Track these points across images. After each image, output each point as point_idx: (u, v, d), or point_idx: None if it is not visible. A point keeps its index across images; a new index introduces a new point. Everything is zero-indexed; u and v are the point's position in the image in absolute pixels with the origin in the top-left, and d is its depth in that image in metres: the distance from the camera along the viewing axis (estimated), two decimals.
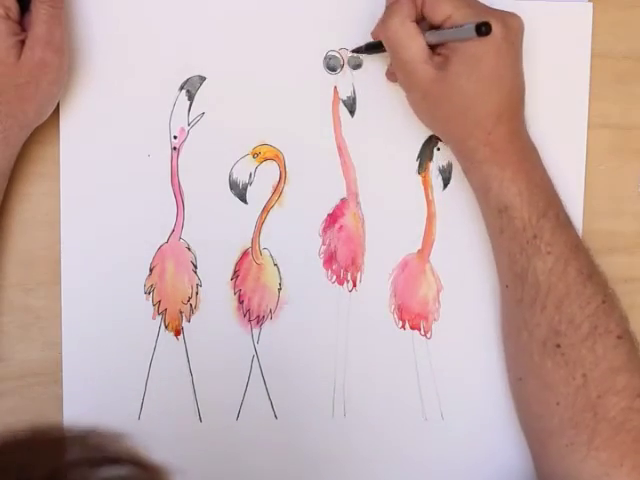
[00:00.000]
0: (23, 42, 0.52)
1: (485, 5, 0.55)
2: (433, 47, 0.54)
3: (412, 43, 0.53)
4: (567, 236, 0.55)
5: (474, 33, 0.50)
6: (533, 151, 0.57)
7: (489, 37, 0.50)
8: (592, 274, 0.55)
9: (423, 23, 0.54)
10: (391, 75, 0.59)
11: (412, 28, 0.53)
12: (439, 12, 0.53)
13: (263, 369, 0.61)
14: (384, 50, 0.57)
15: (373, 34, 0.58)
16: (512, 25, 0.53)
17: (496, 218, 0.55)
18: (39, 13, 0.52)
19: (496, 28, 0.51)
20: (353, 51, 0.61)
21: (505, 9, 0.60)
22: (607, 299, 0.55)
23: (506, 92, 0.54)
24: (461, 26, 0.52)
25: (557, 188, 0.56)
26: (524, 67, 0.55)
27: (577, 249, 0.55)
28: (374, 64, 0.61)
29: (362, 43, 0.60)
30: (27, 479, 0.32)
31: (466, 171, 0.57)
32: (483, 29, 0.49)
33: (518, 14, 0.54)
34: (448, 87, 0.53)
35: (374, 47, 0.58)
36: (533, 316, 0.54)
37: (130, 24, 0.59)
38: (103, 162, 0.59)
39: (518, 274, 0.55)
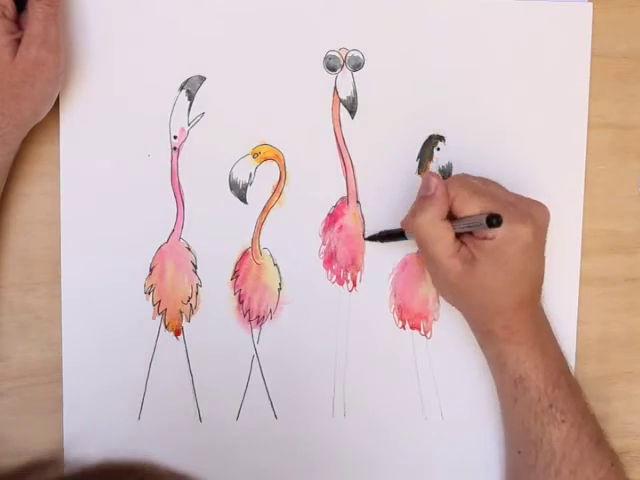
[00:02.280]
0: (19, 41, 0.52)
1: (515, 199, 0.55)
2: (459, 237, 0.54)
3: (440, 240, 0.53)
4: (578, 402, 0.56)
5: (485, 224, 0.50)
6: (546, 324, 0.58)
7: (518, 240, 0.52)
8: (600, 439, 0.56)
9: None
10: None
11: (443, 227, 0.53)
12: (468, 211, 0.53)
13: (263, 369, 0.61)
14: (402, 238, 0.58)
15: (402, 223, 0.58)
16: (540, 222, 0.54)
17: (511, 388, 0.57)
18: (35, 12, 0.52)
19: (525, 231, 0.52)
20: (367, 239, 0.61)
21: (505, 9, 0.60)
22: (615, 462, 0.56)
23: (529, 284, 0.55)
24: (476, 216, 0.52)
25: (566, 357, 0.58)
26: (524, 67, 0.55)
27: (587, 415, 0.56)
28: (374, 64, 0.61)
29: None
30: None
31: (481, 345, 0.59)
32: (494, 222, 0.50)
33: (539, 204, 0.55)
34: (473, 282, 0.54)
35: (391, 236, 0.59)
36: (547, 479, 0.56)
37: (130, 24, 0.59)
38: (103, 162, 0.59)
39: (532, 441, 0.56)
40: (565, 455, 0.55)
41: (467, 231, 0.54)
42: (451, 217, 0.54)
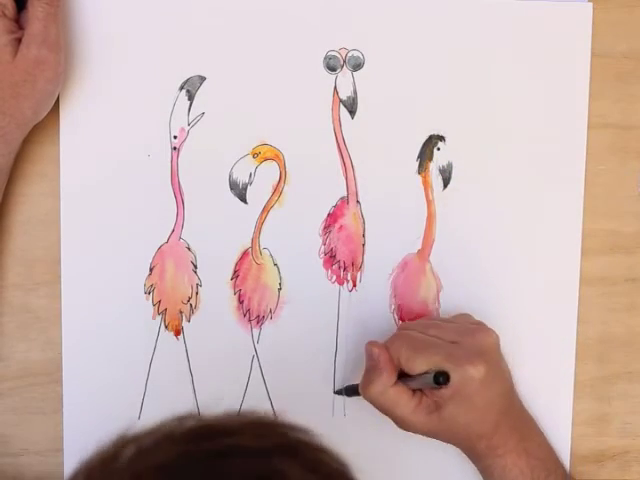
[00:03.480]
0: (19, 40, 0.53)
1: (458, 339, 0.55)
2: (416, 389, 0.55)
3: (397, 403, 0.55)
4: None
5: (433, 383, 0.52)
6: (528, 423, 0.59)
7: (473, 379, 0.53)
8: None
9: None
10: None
11: (395, 393, 0.54)
12: (416, 369, 0.54)
13: (263, 369, 0.61)
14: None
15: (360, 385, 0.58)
16: (488, 348, 0.55)
17: None
18: (35, 11, 0.52)
19: (477, 370, 0.53)
20: (336, 392, 0.61)
21: (505, 9, 0.60)
22: None
23: (501, 405, 0.56)
24: (424, 375, 0.53)
25: (555, 454, 0.60)
26: (524, 67, 0.55)
27: None
28: (374, 64, 0.61)
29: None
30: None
31: (469, 457, 0.59)
32: (441, 379, 0.51)
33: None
34: (444, 425, 0.55)
35: (356, 391, 0.59)
36: None
37: (130, 24, 0.59)
38: (103, 162, 0.59)
39: None
40: None
41: (422, 387, 0.55)
42: (405, 374, 0.55)
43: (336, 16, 0.61)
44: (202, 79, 0.60)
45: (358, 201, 0.62)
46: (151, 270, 0.60)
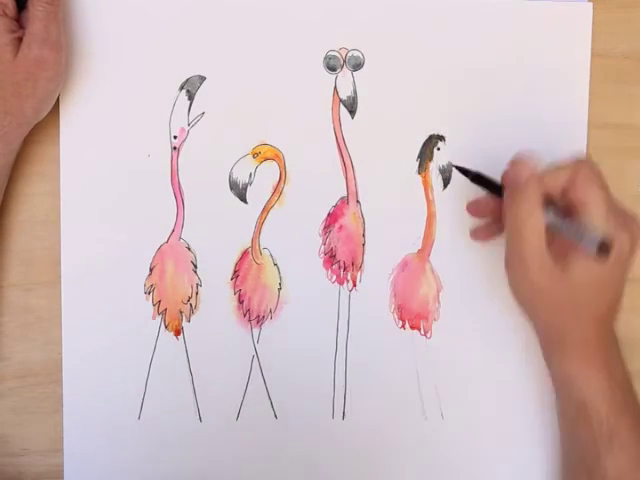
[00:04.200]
0: (20, 39, 0.53)
1: (621, 210, 0.53)
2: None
3: (535, 235, 0.51)
4: None
5: (595, 250, 0.49)
6: (616, 346, 0.57)
7: (617, 263, 0.50)
8: None
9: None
10: (474, 234, 0.58)
11: (538, 220, 0.50)
12: (581, 199, 0.51)
13: (263, 369, 0.61)
14: (494, 192, 0.55)
15: (503, 178, 0.54)
16: (637, 236, 0.52)
17: (572, 411, 0.56)
18: (36, 10, 0.52)
19: (622, 247, 0.50)
20: (457, 167, 0.57)
21: (505, 9, 0.61)
22: None
23: (613, 301, 0.54)
24: (587, 230, 0.50)
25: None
26: (524, 67, 0.55)
27: None
28: (374, 64, 0.61)
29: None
30: None
31: (548, 360, 0.57)
32: (604, 249, 0.49)
33: None
34: (558, 288, 0.52)
35: (483, 182, 0.56)
36: None
37: (130, 24, 0.59)
38: (103, 162, 0.59)
39: (586, 469, 0.55)
40: None
41: (557, 231, 0.51)
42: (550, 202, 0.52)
43: (336, 16, 0.61)
44: (202, 79, 0.60)
45: (358, 201, 0.62)
46: (151, 270, 0.60)
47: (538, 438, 0.63)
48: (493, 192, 0.56)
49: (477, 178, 0.56)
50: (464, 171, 0.57)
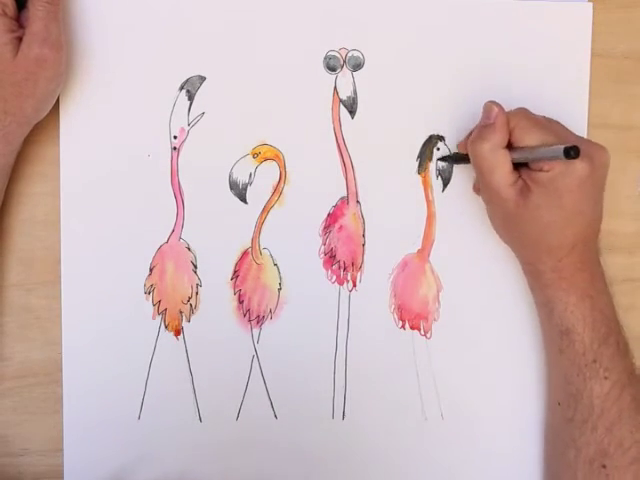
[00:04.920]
0: (20, 39, 0.53)
1: (575, 138, 0.55)
2: (516, 168, 0.54)
3: (499, 169, 0.54)
4: (625, 363, 0.56)
5: (562, 155, 0.49)
6: (600, 276, 0.57)
7: (574, 174, 0.51)
8: None
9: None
10: (477, 190, 0.60)
11: (501, 155, 0.54)
12: (527, 141, 0.53)
13: (263, 369, 0.61)
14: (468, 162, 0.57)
15: (459, 146, 0.59)
16: (598, 162, 0.53)
17: (557, 339, 0.56)
18: (36, 10, 0.52)
19: (582, 166, 0.52)
20: (439, 159, 0.61)
21: (505, 9, 0.61)
22: None
23: (584, 225, 0.54)
24: (550, 147, 0.52)
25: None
26: (524, 67, 0.55)
27: (633, 376, 0.56)
28: (374, 64, 0.61)
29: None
30: None
31: (531, 288, 0.59)
32: (572, 153, 0.49)
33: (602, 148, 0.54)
34: (527, 214, 0.54)
35: (462, 159, 0.59)
36: (582, 435, 0.55)
37: (131, 24, 0.59)
38: (103, 162, 0.59)
39: (572, 394, 0.56)
40: (603, 412, 0.54)
41: (525, 161, 0.53)
42: (509, 147, 0.54)
43: (336, 16, 0.61)
44: (202, 79, 0.60)
45: (358, 201, 0.62)
46: (151, 270, 0.60)
47: (538, 438, 0.63)
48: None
49: (460, 158, 0.59)
50: (446, 159, 0.61)
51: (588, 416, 0.55)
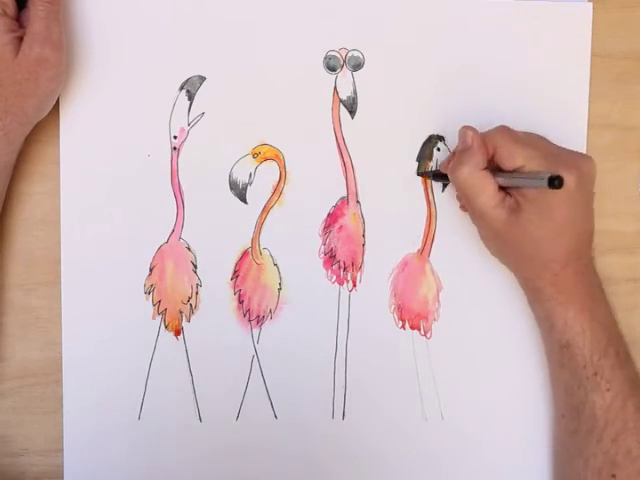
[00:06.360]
0: (20, 38, 0.53)
1: (558, 150, 0.55)
2: (504, 187, 0.54)
3: (482, 191, 0.53)
4: (626, 373, 0.56)
5: (546, 185, 0.49)
6: (597, 287, 0.57)
7: (567, 201, 0.52)
8: None
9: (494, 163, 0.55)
10: (464, 207, 0.59)
11: (481, 177, 0.53)
12: (511, 162, 0.53)
13: (263, 369, 0.61)
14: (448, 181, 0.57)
15: (442, 165, 0.59)
16: (585, 172, 0.53)
17: (557, 353, 0.57)
18: (37, 10, 0.52)
19: (569, 179, 0.51)
20: (419, 174, 0.61)
21: (505, 9, 0.61)
22: None
23: (575, 237, 0.54)
24: (535, 175, 0.52)
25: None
26: (524, 67, 0.55)
27: (635, 385, 0.56)
28: (374, 64, 0.61)
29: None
30: None
31: (530, 303, 0.59)
32: (556, 182, 0.49)
33: (588, 160, 0.54)
34: (519, 231, 0.54)
35: (442, 176, 0.58)
36: (588, 446, 0.55)
37: (131, 24, 0.59)
38: (103, 162, 0.59)
39: (575, 407, 0.56)
40: (607, 423, 0.54)
41: (510, 186, 0.53)
42: (498, 170, 0.54)
43: (336, 16, 0.61)
44: (202, 79, 0.60)
45: (358, 201, 0.62)
46: (151, 270, 0.60)
47: (538, 438, 0.63)
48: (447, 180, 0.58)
49: (439, 175, 0.59)
50: (426, 174, 0.61)
51: (592, 428, 0.55)
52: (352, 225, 0.62)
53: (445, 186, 0.62)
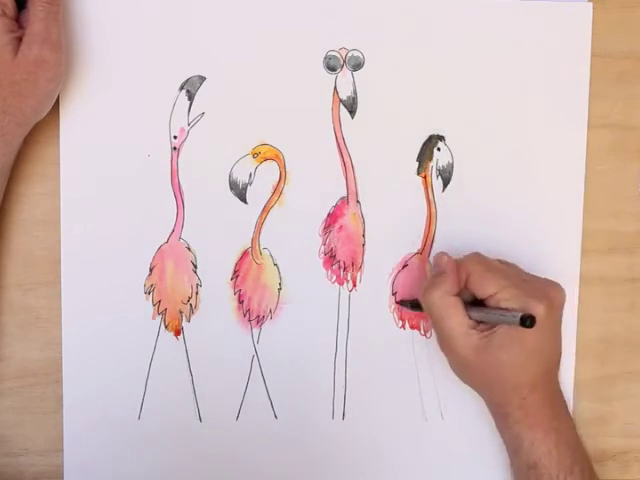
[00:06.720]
0: (20, 39, 0.53)
1: (529, 278, 0.56)
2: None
3: (451, 317, 0.55)
4: None
5: (518, 324, 0.51)
6: (563, 407, 0.58)
7: (538, 330, 0.52)
8: None
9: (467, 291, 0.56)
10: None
11: (452, 303, 0.55)
12: (483, 290, 0.55)
13: (263, 369, 0.61)
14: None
15: (418, 296, 0.59)
16: (555, 300, 0.55)
17: (525, 473, 0.57)
18: (36, 10, 0.52)
19: (540, 308, 0.53)
20: (398, 302, 0.62)
21: (505, 9, 0.60)
22: None
23: (544, 362, 0.56)
24: (507, 311, 0.53)
25: (583, 444, 0.58)
26: (524, 67, 0.55)
27: None
28: (374, 64, 0.61)
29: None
30: None
31: (498, 427, 0.59)
32: (527, 322, 0.51)
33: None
34: (488, 357, 0.55)
35: (419, 306, 0.58)
36: None
37: (131, 24, 0.59)
38: (103, 162, 0.59)
39: None
40: None
41: (483, 321, 0.55)
42: (477, 302, 0.55)
43: (336, 16, 0.61)
44: (202, 79, 0.60)
45: (358, 201, 0.62)
46: (151, 270, 0.60)
47: None
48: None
49: (417, 305, 0.59)
50: (404, 303, 0.61)
51: None
52: (352, 225, 0.62)
53: (445, 186, 0.62)
